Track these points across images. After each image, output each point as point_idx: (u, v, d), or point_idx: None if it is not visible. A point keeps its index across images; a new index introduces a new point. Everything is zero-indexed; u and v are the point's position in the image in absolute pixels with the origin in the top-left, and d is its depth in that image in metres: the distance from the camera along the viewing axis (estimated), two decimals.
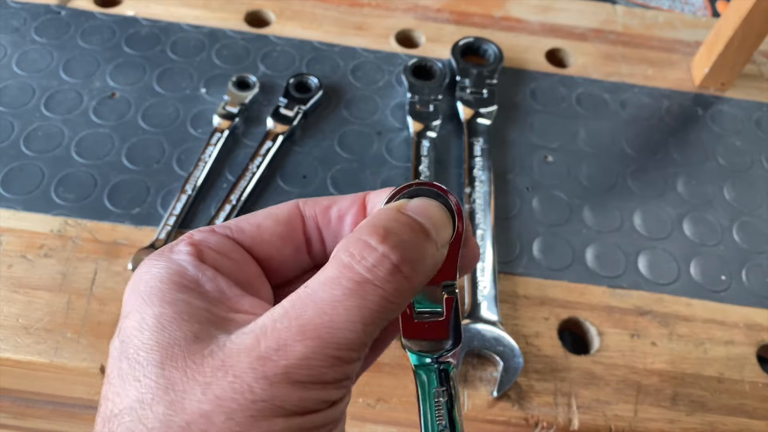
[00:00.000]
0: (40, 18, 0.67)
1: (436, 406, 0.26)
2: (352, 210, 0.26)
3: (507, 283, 0.51)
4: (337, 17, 0.70)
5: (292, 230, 0.26)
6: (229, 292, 0.23)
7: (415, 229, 0.23)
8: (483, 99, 0.62)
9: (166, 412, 0.19)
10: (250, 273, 0.25)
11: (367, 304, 0.21)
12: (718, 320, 0.51)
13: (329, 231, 0.27)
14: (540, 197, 0.57)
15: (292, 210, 0.26)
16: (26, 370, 0.46)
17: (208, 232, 0.25)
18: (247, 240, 0.26)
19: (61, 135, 0.57)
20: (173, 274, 0.23)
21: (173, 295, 0.22)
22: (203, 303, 0.22)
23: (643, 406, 0.46)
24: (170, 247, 0.24)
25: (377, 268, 0.21)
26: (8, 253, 0.50)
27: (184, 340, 0.21)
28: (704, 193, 0.59)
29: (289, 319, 0.20)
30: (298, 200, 0.27)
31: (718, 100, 0.67)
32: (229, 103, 0.59)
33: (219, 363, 0.20)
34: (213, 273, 0.23)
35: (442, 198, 0.25)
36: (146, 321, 0.21)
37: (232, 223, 0.26)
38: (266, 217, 0.26)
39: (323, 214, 0.26)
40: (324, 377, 0.20)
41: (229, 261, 0.24)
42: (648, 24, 0.74)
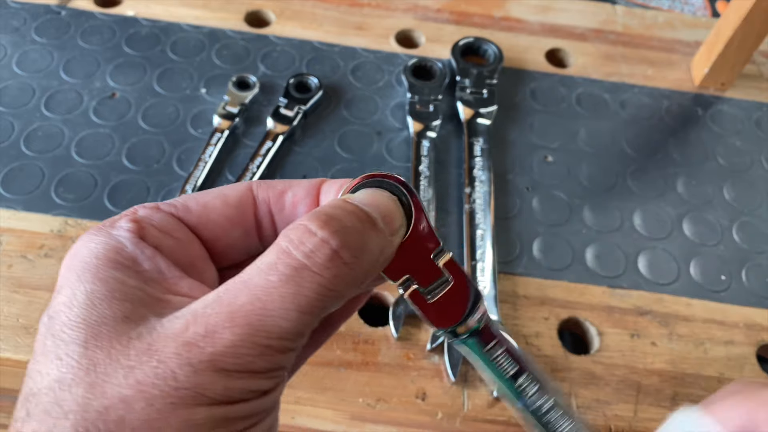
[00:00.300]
0: (41, 18, 0.67)
1: (495, 363, 0.26)
2: (307, 199, 0.25)
3: (507, 283, 0.51)
4: (337, 17, 0.70)
5: (242, 213, 0.25)
6: (168, 273, 0.22)
7: (359, 217, 0.22)
8: (483, 99, 0.62)
9: (85, 395, 0.18)
10: (193, 254, 0.24)
11: (303, 291, 0.20)
12: (718, 320, 0.51)
13: (281, 217, 0.26)
14: (540, 197, 0.57)
15: (244, 192, 0.25)
16: (26, 370, 0.46)
17: (152, 209, 0.24)
18: (193, 219, 0.24)
19: (61, 135, 0.57)
20: (110, 251, 0.22)
21: (107, 272, 0.21)
22: (138, 282, 0.21)
23: (643, 406, 0.46)
24: (111, 222, 0.23)
25: (315, 254, 0.20)
26: (8, 253, 0.50)
27: (112, 319, 0.20)
28: (704, 193, 0.59)
29: (221, 304, 0.20)
30: (252, 182, 0.26)
31: (718, 100, 0.67)
32: (229, 103, 0.59)
33: (145, 346, 0.19)
34: (152, 252, 0.22)
35: (397, 189, 0.24)
36: (76, 297, 0.21)
37: (179, 200, 0.25)
38: (215, 197, 0.25)
39: (277, 198, 0.26)
40: (252, 366, 0.19)
41: (171, 240, 0.23)
42: (648, 24, 0.74)
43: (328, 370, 0.46)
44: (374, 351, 0.47)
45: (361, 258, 0.21)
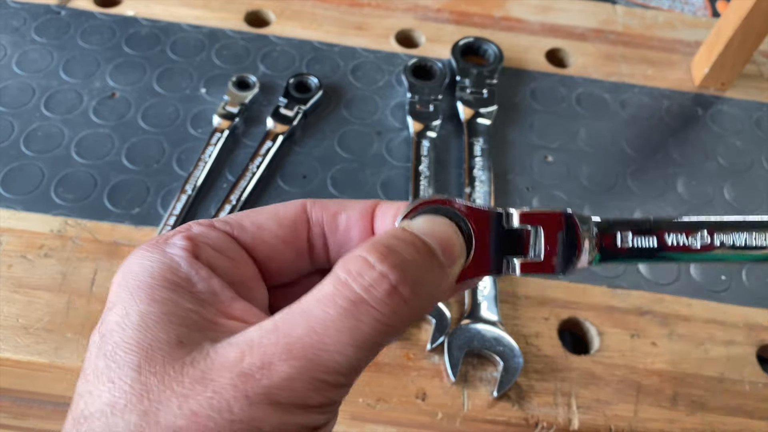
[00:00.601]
0: (40, 18, 0.67)
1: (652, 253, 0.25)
2: (361, 222, 0.25)
3: (507, 283, 0.51)
4: (337, 17, 0.70)
5: (296, 234, 0.25)
6: (222, 295, 0.22)
7: (418, 248, 0.22)
8: (483, 99, 0.62)
9: (138, 422, 0.18)
10: (246, 274, 0.24)
11: (360, 326, 0.20)
12: (718, 320, 0.51)
13: (335, 239, 0.26)
14: (540, 197, 0.57)
15: (298, 213, 0.25)
16: (26, 370, 0.46)
17: (208, 227, 0.24)
18: (247, 239, 0.24)
19: (61, 135, 0.57)
20: (165, 270, 0.21)
21: (162, 293, 0.21)
22: (193, 305, 0.21)
23: (643, 406, 0.46)
24: (165, 239, 0.23)
25: (374, 288, 0.20)
26: (8, 253, 0.50)
27: (167, 343, 0.20)
28: (704, 193, 0.59)
29: (278, 335, 0.19)
30: (306, 201, 0.26)
31: (718, 100, 0.67)
32: (229, 103, 0.59)
33: (200, 374, 0.19)
34: (207, 272, 0.22)
35: (457, 217, 0.24)
36: (130, 317, 0.20)
37: (234, 218, 0.25)
38: (270, 217, 0.25)
39: (331, 220, 0.25)
40: (308, 401, 0.19)
41: (225, 260, 0.23)
42: (648, 24, 0.74)
43: None
44: None
45: (419, 292, 0.21)
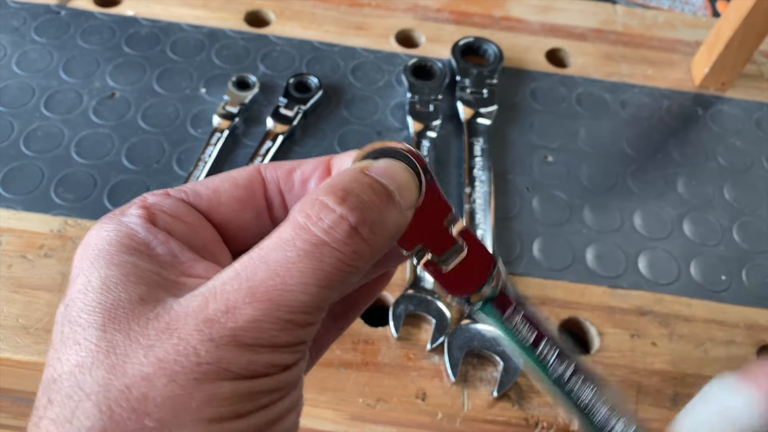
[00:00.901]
0: (40, 18, 0.67)
1: (517, 330, 0.25)
2: (316, 173, 0.25)
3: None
4: (337, 17, 0.70)
5: (252, 194, 0.25)
6: (182, 256, 0.22)
7: (376, 190, 0.22)
8: (483, 99, 0.62)
9: (106, 376, 0.18)
10: (206, 238, 0.24)
11: (322, 266, 0.20)
12: (718, 320, 0.51)
13: (292, 195, 0.26)
14: (540, 197, 0.57)
15: (253, 174, 0.25)
16: (26, 370, 0.46)
17: (162, 195, 0.24)
18: (203, 204, 0.25)
19: (60, 135, 0.57)
20: (122, 237, 0.22)
21: (121, 257, 0.21)
22: (152, 266, 0.21)
23: (643, 406, 0.46)
24: (121, 210, 0.23)
25: (334, 230, 0.20)
26: (8, 253, 0.50)
27: (128, 302, 0.20)
28: (704, 193, 0.59)
29: (240, 280, 0.20)
30: (260, 164, 0.26)
31: (718, 100, 0.67)
32: (229, 103, 0.59)
33: (164, 325, 0.19)
34: (165, 236, 0.22)
35: (408, 159, 0.24)
36: (91, 283, 0.21)
37: (188, 186, 0.25)
38: (224, 180, 0.25)
39: (286, 177, 0.26)
40: (275, 340, 0.19)
41: (183, 225, 0.24)
42: (648, 24, 0.74)
43: (328, 370, 0.46)
44: (374, 351, 0.47)
45: (378, 233, 0.21)
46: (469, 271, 0.25)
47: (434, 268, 0.24)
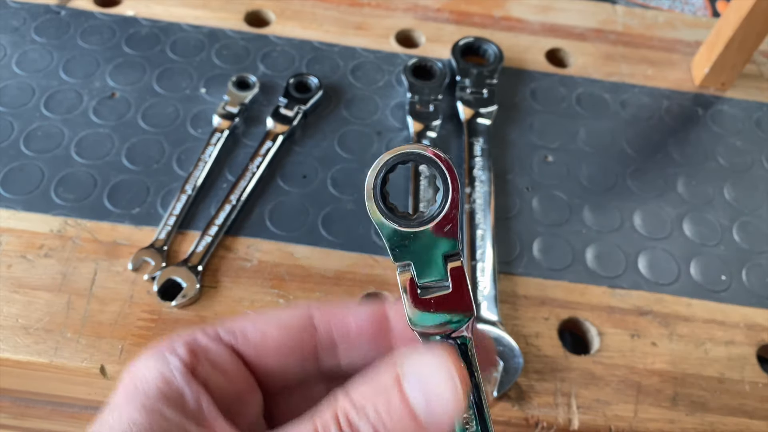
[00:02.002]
0: (40, 18, 0.67)
1: None
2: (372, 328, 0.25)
3: (507, 283, 0.51)
4: (337, 17, 0.70)
5: (300, 342, 0.25)
6: (208, 413, 0.23)
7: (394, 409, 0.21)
8: (483, 99, 0.62)
9: None
10: (241, 388, 0.25)
11: None
12: (718, 320, 0.51)
13: (346, 342, 0.26)
14: (540, 197, 0.57)
15: (304, 319, 0.26)
16: (26, 370, 0.46)
17: (214, 341, 0.25)
18: (250, 350, 0.25)
19: (60, 135, 0.57)
20: (160, 381, 0.23)
21: (153, 403, 0.22)
22: (179, 418, 0.22)
23: (643, 406, 0.46)
24: (171, 346, 0.24)
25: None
26: (8, 253, 0.50)
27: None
28: (704, 193, 0.59)
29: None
30: (312, 307, 0.26)
31: (718, 100, 0.67)
32: (229, 103, 0.59)
33: None
34: (198, 389, 0.23)
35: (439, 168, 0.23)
36: (121, 424, 0.22)
37: (239, 327, 0.25)
38: (273, 324, 0.25)
39: (339, 323, 0.26)
40: None
41: (222, 377, 0.24)
42: (648, 24, 0.74)
43: None
44: None
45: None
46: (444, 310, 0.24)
47: (411, 289, 0.24)
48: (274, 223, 0.53)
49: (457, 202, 0.23)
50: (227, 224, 0.52)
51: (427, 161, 0.23)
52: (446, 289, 0.24)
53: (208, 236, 0.51)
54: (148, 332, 0.46)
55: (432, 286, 0.24)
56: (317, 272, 0.51)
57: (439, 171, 0.23)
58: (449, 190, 0.23)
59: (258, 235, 0.52)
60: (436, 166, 0.23)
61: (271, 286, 0.50)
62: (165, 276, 0.48)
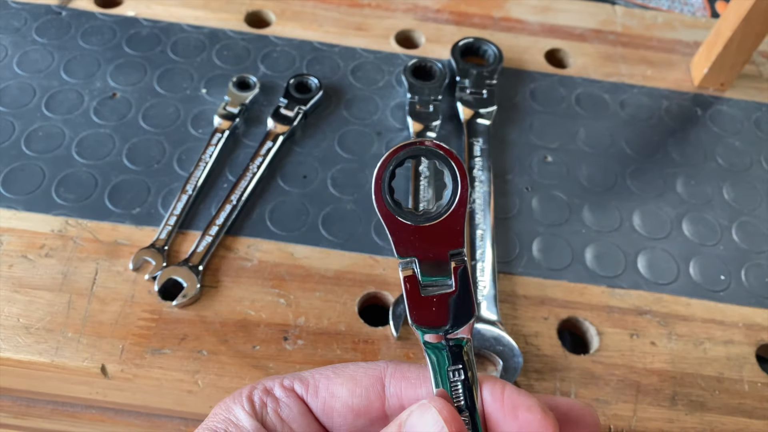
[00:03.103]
0: (41, 18, 0.67)
1: (452, 386, 0.24)
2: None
3: (506, 283, 0.52)
4: (337, 18, 0.70)
5: (368, 405, 0.25)
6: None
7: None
8: (483, 99, 0.62)
9: None
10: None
11: None
12: (717, 320, 0.51)
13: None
14: (539, 197, 0.57)
15: (373, 384, 0.25)
16: (27, 370, 0.46)
17: (287, 392, 0.26)
18: (318, 406, 0.26)
19: (61, 135, 0.58)
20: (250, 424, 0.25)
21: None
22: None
23: (642, 405, 0.46)
24: (249, 392, 0.25)
25: None
26: (9, 253, 0.50)
27: None
28: (703, 193, 0.59)
29: None
30: (387, 368, 0.26)
31: (717, 100, 0.67)
32: (229, 104, 0.60)
33: None
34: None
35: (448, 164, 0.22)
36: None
37: (311, 378, 0.26)
38: (344, 383, 0.26)
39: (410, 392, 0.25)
40: None
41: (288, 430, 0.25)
42: (647, 24, 0.74)
43: None
44: (374, 351, 0.47)
45: None
46: (445, 309, 0.23)
47: (413, 286, 0.23)
48: (274, 223, 0.53)
49: (465, 200, 0.23)
50: (228, 224, 0.52)
51: (437, 157, 0.22)
52: (449, 288, 0.23)
53: (208, 236, 0.51)
54: (149, 332, 0.46)
55: (435, 284, 0.23)
56: (317, 272, 0.51)
57: (450, 168, 0.23)
58: (458, 188, 0.23)
59: (258, 235, 0.53)
60: (447, 163, 0.22)
61: (272, 285, 0.50)
62: (166, 276, 0.49)
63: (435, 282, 0.23)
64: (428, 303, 0.23)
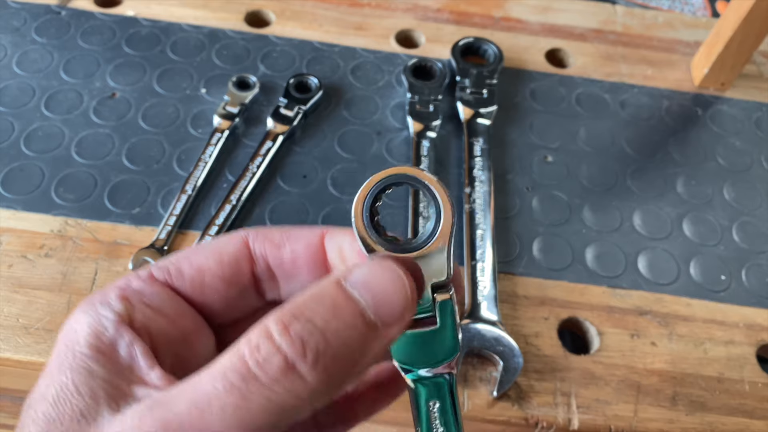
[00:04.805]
0: (41, 18, 0.67)
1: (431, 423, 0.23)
2: (308, 253, 0.24)
3: (507, 283, 0.51)
4: (337, 17, 0.70)
5: (237, 272, 0.24)
6: (141, 362, 0.21)
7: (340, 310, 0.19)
8: (483, 99, 0.62)
9: None
10: (185, 327, 0.23)
11: (248, 404, 0.17)
12: (718, 320, 0.51)
13: (282, 272, 0.24)
14: (540, 197, 0.57)
15: (239, 248, 0.24)
16: (26, 370, 0.46)
17: (147, 282, 0.23)
18: (187, 286, 0.24)
19: (61, 135, 0.57)
20: (91, 335, 0.21)
21: (81, 362, 0.21)
22: (108, 373, 0.21)
23: (642, 406, 0.46)
24: (102, 297, 0.23)
25: (268, 363, 0.18)
26: (8, 253, 0.50)
27: (69, 417, 0.19)
28: (704, 193, 0.59)
29: (161, 410, 0.18)
30: (249, 234, 0.25)
31: (717, 100, 0.67)
32: (229, 103, 0.59)
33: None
34: (131, 338, 0.22)
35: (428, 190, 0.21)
36: (49, 390, 0.21)
37: (173, 263, 0.24)
38: (209, 257, 0.24)
39: (274, 252, 0.24)
40: None
41: (161, 318, 0.23)
42: (648, 24, 0.74)
43: None
44: None
45: (327, 368, 0.18)
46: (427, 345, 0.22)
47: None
48: (274, 223, 0.53)
49: (448, 233, 0.21)
50: (227, 224, 0.52)
51: (420, 185, 0.21)
52: (432, 324, 0.22)
53: (208, 236, 0.51)
54: None
55: (418, 319, 0.22)
56: None
57: (433, 197, 0.21)
58: (440, 221, 0.21)
59: None
60: (429, 192, 0.21)
61: None
62: None
63: (418, 316, 0.22)
64: (410, 339, 0.22)
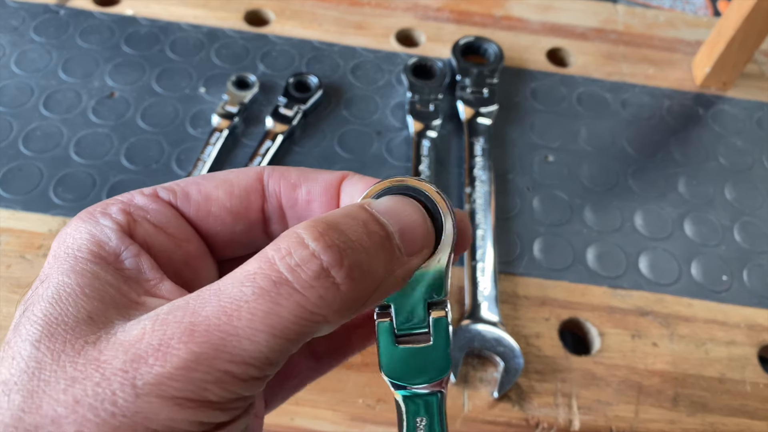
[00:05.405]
0: (39, 17, 0.66)
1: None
2: (324, 197, 0.23)
3: (507, 284, 0.51)
4: (337, 16, 0.70)
5: (247, 207, 0.23)
6: (149, 274, 0.20)
7: (370, 229, 0.19)
8: (483, 98, 0.62)
9: (21, 406, 0.16)
10: (188, 251, 0.22)
11: (279, 310, 0.17)
12: (719, 321, 0.51)
13: (294, 213, 0.23)
14: (540, 197, 0.57)
15: (252, 183, 0.23)
16: None
17: (150, 198, 0.22)
18: (192, 211, 0.23)
19: (59, 135, 0.57)
20: (92, 243, 0.20)
21: (85, 265, 0.19)
22: (115, 280, 0.19)
23: (644, 406, 0.46)
24: (103, 208, 0.21)
25: (301, 269, 0.17)
26: (7, 253, 0.49)
27: (74, 318, 0.18)
28: (705, 193, 0.59)
29: (185, 312, 0.17)
30: (264, 169, 0.23)
31: (719, 99, 0.67)
32: (228, 103, 0.59)
33: (96, 354, 0.17)
34: (137, 250, 0.20)
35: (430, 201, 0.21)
36: (48, 290, 0.19)
37: (181, 185, 0.23)
38: (219, 186, 0.23)
39: (289, 193, 0.23)
40: (206, 395, 0.16)
41: (165, 237, 0.22)
42: (649, 23, 0.74)
43: None
44: (374, 351, 0.47)
45: (359, 279, 0.18)
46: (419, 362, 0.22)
47: (387, 335, 0.22)
48: None
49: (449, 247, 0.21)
50: None
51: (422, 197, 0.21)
52: (426, 341, 0.22)
53: None
54: None
55: (412, 334, 0.22)
56: None
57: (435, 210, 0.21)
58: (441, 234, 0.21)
59: None
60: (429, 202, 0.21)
61: None
62: None
63: (411, 332, 0.22)
64: (402, 354, 0.22)
